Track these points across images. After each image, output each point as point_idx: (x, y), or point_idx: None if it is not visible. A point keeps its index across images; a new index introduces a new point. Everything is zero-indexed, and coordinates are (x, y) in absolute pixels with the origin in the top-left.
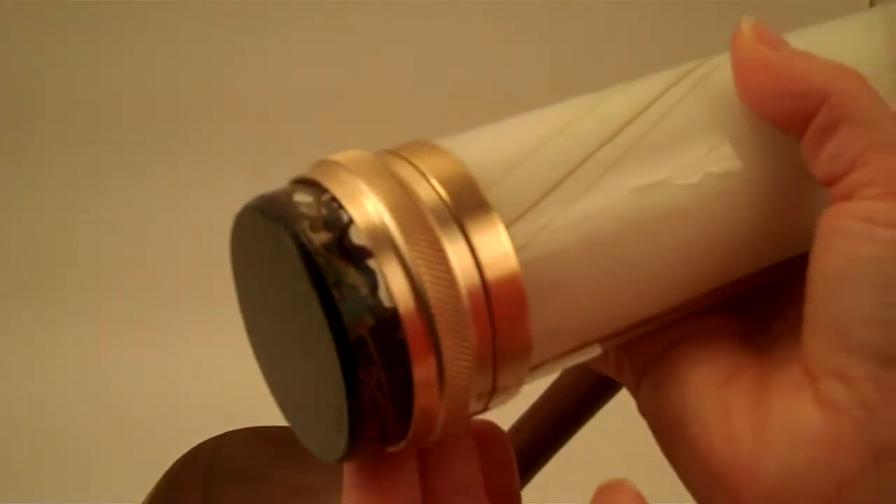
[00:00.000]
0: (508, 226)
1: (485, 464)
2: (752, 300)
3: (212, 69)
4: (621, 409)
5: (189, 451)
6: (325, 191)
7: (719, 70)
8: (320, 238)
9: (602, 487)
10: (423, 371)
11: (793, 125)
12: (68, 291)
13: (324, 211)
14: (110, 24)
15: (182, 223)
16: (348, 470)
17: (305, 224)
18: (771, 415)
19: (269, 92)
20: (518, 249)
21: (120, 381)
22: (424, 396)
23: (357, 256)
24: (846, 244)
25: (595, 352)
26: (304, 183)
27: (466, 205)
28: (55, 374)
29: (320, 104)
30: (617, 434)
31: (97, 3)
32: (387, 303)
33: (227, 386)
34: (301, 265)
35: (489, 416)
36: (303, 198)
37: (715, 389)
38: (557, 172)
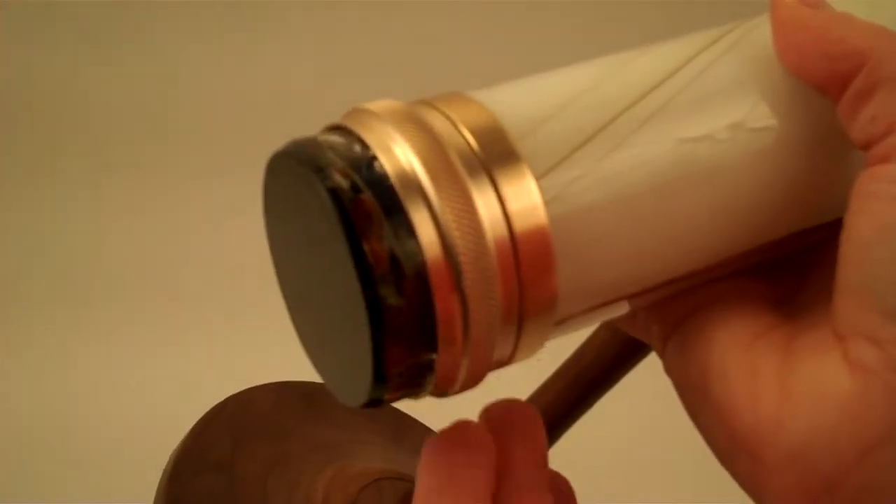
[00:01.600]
0: (538, 178)
1: (510, 443)
2: (783, 265)
3: (210, 73)
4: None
5: (215, 406)
6: (356, 137)
7: (758, 30)
8: (350, 183)
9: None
10: (447, 319)
11: (831, 87)
12: (69, 293)
13: (354, 157)
14: (107, 29)
15: (179, 226)
16: (427, 444)
17: (336, 169)
18: (797, 376)
19: (266, 97)
20: (547, 202)
21: (119, 382)
22: (448, 345)
23: (386, 202)
24: (882, 207)
25: (622, 309)
26: (337, 129)
27: (497, 155)
28: (57, 377)
29: (320, 107)
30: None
31: (95, 8)
32: (414, 250)
33: (228, 387)
34: (330, 209)
35: (516, 375)
36: (334, 143)
37: (741, 349)
38: (590, 126)
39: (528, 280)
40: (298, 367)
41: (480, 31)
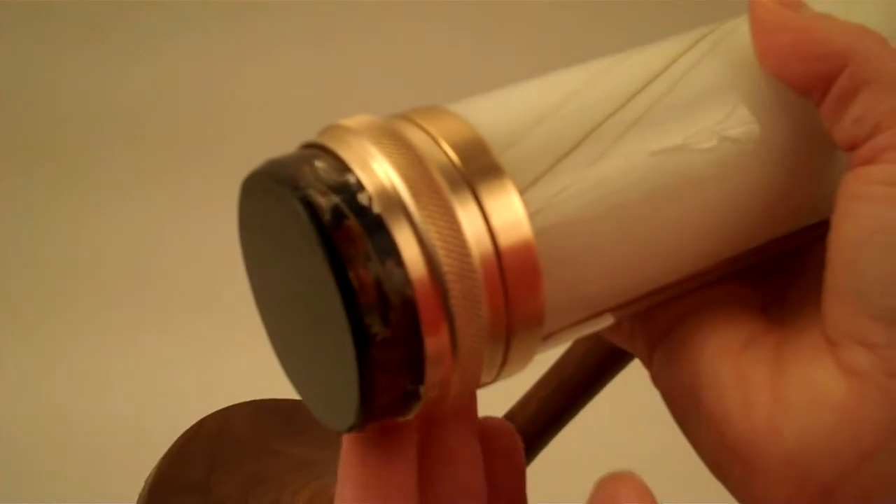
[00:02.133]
0: (522, 191)
1: (493, 466)
2: (769, 269)
3: (205, 74)
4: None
5: (194, 425)
6: (334, 155)
7: (737, 32)
8: (330, 203)
9: (603, 480)
10: (435, 340)
11: (813, 88)
12: (69, 297)
13: (334, 175)
14: (101, 30)
15: (180, 231)
16: (347, 441)
17: (315, 188)
18: (789, 382)
19: (264, 98)
20: (532, 215)
21: (120, 385)
22: (436, 366)
23: (367, 222)
24: (868, 209)
25: (608, 321)
26: (313, 148)
27: (478, 169)
28: (57, 379)
29: (322, 112)
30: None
31: (89, 8)
32: (398, 270)
33: (208, 399)
34: (310, 230)
35: (499, 385)
36: (312, 162)
37: (731, 357)
38: (572, 137)
39: (514, 296)
40: (278, 383)
41: (473, 36)
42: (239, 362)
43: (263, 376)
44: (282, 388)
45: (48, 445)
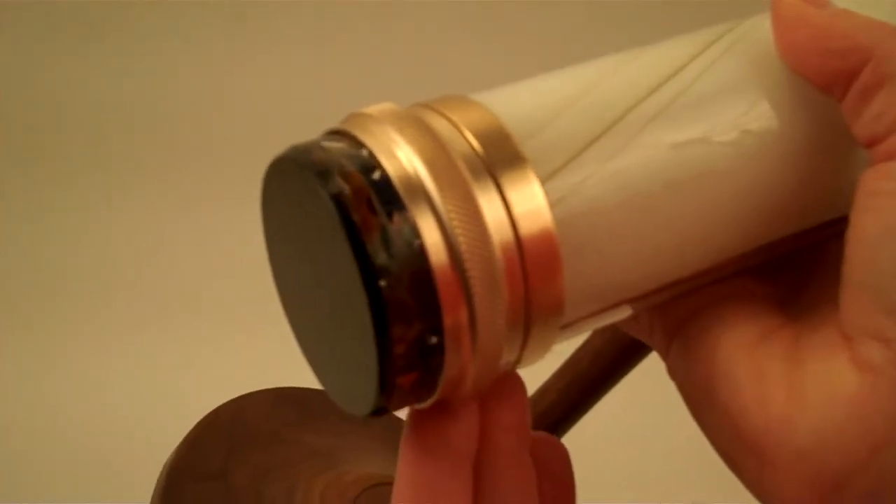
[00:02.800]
0: (543, 181)
1: (542, 485)
2: (787, 264)
3: (209, 74)
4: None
5: (209, 414)
6: (358, 142)
7: (759, 28)
8: (353, 187)
9: None
10: (454, 326)
11: (834, 84)
12: (61, 299)
13: (357, 160)
14: (115, 31)
15: (175, 231)
16: (403, 452)
17: (338, 173)
18: (805, 376)
19: (268, 97)
20: (552, 205)
21: (126, 382)
22: (455, 352)
23: (390, 208)
24: (889, 204)
25: (626, 312)
26: (337, 134)
27: (501, 158)
28: (49, 383)
29: (322, 110)
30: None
31: (103, 12)
32: (420, 256)
33: (223, 392)
34: (334, 215)
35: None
36: (335, 148)
37: (747, 350)
38: (594, 128)
39: (534, 284)
40: (293, 373)
41: (483, 32)
42: (245, 360)
43: (271, 374)
44: (297, 379)
45: (52, 444)
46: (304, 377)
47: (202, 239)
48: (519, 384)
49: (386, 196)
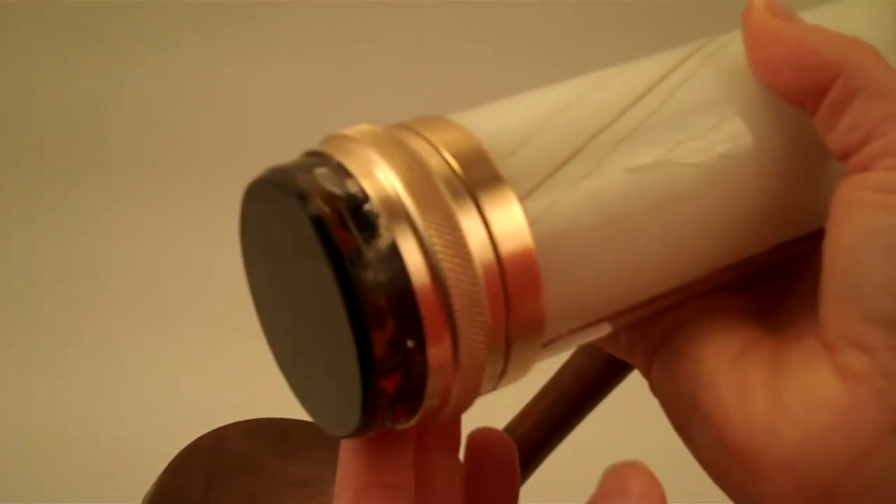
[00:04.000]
0: (522, 199)
1: (484, 479)
2: (765, 278)
3: (215, 84)
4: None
5: (191, 443)
6: (337, 164)
7: (730, 45)
8: (333, 210)
9: (612, 468)
10: (437, 347)
11: (806, 98)
12: (66, 306)
13: (336, 182)
14: (115, 36)
15: (179, 237)
16: (345, 444)
17: (318, 195)
18: (787, 385)
19: (269, 109)
20: (531, 223)
21: (116, 394)
22: (438, 372)
23: (371, 229)
24: (864, 215)
25: (605, 330)
26: (315, 155)
27: (479, 178)
28: (55, 389)
29: (324, 117)
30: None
31: (102, 16)
32: (402, 277)
33: (224, 396)
34: (315, 238)
35: (497, 395)
36: (314, 169)
37: (729, 362)
38: (570, 147)
39: (515, 303)
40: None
41: (482, 35)
42: (237, 370)
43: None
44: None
45: (45, 453)
46: (285, 401)
47: (198, 247)
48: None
49: (367, 218)
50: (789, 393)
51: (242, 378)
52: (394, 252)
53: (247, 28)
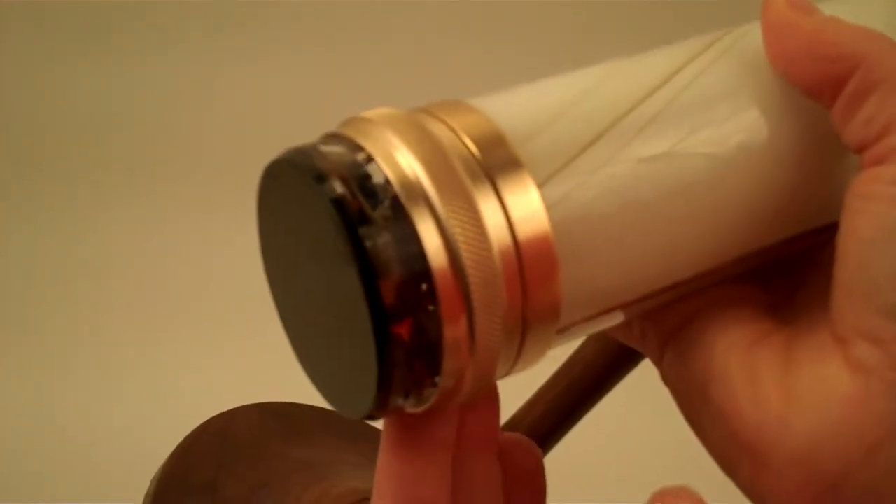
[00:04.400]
0: (540, 185)
1: (511, 485)
2: (779, 269)
3: (216, 83)
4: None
5: (199, 427)
6: (357, 146)
7: (749, 36)
8: (353, 191)
9: (659, 492)
10: (453, 329)
11: (824, 90)
12: (72, 301)
13: (356, 165)
14: (115, 36)
15: (183, 235)
16: (387, 427)
17: (338, 177)
18: (799, 378)
19: (270, 105)
20: (549, 208)
21: (101, 399)
22: (453, 355)
23: (391, 212)
24: (879, 208)
25: (619, 318)
26: (335, 138)
27: (498, 162)
28: (59, 385)
29: (328, 114)
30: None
31: (103, 17)
32: (420, 259)
33: (211, 402)
34: (334, 219)
35: (505, 383)
36: (334, 151)
37: (741, 353)
38: (590, 132)
39: (532, 287)
40: (285, 381)
41: (483, 36)
42: (241, 366)
43: (265, 380)
44: (284, 391)
45: (40, 452)
46: (295, 385)
47: (204, 244)
48: (493, 392)
49: (386, 200)
50: (800, 386)
51: (245, 378)
52: (413, 234)
53: (250, 30)
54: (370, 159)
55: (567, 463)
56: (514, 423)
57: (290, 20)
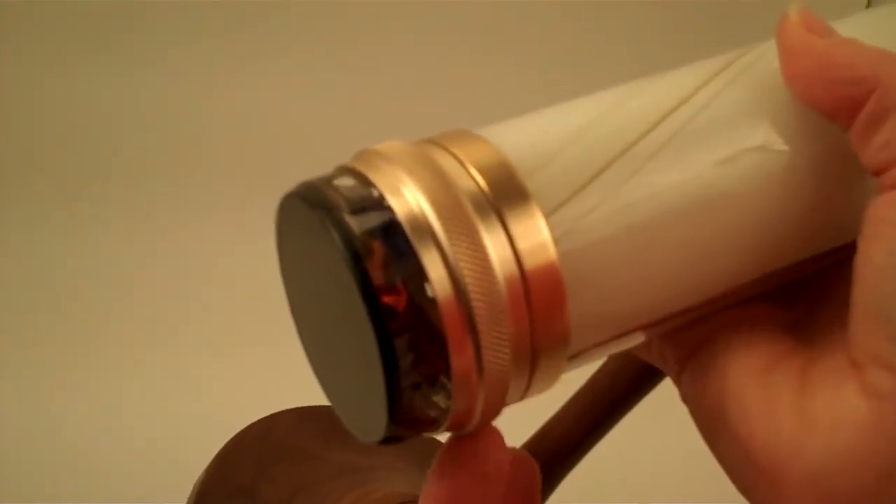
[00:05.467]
0: (549, 214)
1: (507, 498)
2: (797, 289)
3: (223, 91)
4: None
5: (239, 433)
6: (366, 180)
7: (766, 58)
8: (361, 227)
9: None
10: (460, 360)
11: (840, 113)
12: (86, 317)
13: (365, 200)
14: (116, 42)
15: (199, 247)
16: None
17: (346, 212)
18: (814, 402)
19: (276, 118)
20: (558, 238)
21: (142, 409)
22: (463, 383)
23: (397, 246)
24: (894, 234)
25: (637, 339)
26: (346, 171)
27: (505, 194)
28: (80, 403)
29: (327, 128)
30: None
31: (106, 23)
32: (426, 292)
33: (250, 413)
34: (343, 253)
35: (530, 402)
36: (344, 185)
37: (757, 376)
38: (599, 160)
39: (540, 317)
40: (319, 392)
41: (489, 44)
42: (272, 378)
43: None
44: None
45: (80, 462)
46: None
47: (232, 254)
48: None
49: (392, 234)
50: (816, 410)
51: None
52: (418, 268)
53: (254, 34)
54: (379, 194)
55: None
56: (542, 434)
57: (294, 26)
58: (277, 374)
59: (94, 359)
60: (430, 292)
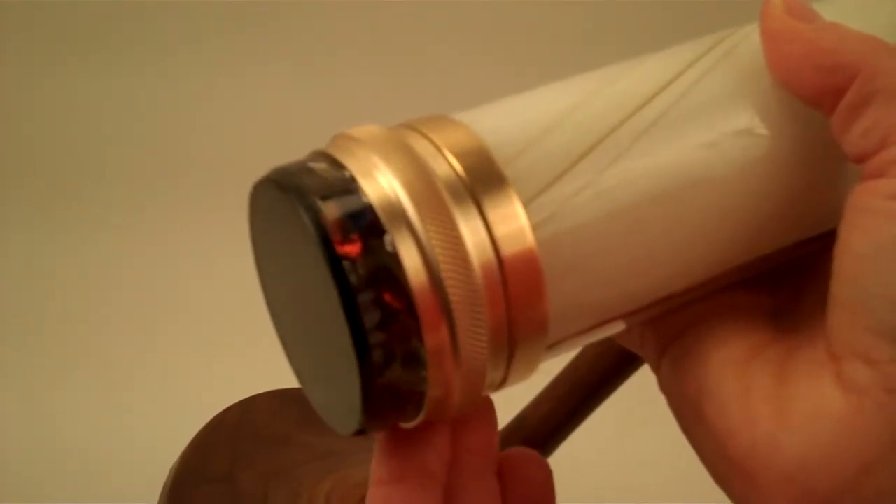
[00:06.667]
0: (529, 201)
1: (522, 497)
2: (780, 276)
3: (214, 92)
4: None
5: (216, 416)
6: (340, 166)
7: (748, 41)
8: (334, 213)
9: None
10: (435, 347)
11: (822, 99)
12: (73, 303)
13: (339, 186)
14: (113, 45)
15: (175, 240)
16: (379, 440)
17: (319, 196)
18: (792, 396)
19: (270, 119)
20: (538, 225)
21: (117, 394)
22: (438, 372)
23: (371, 232)
24: (875, 223)
25: (618, 328)
26: (320, 156)
27: (482, 179)
28: (52, 389)
29: (322, 129)
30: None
31: (102, 25)
32: (400, 278)
33: (227, 397)
34: (314, 239)
35: (510, 389)
36: (318, 170)
37: (735, 368)
38: (580, 146)
39: (517, 304)
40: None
41: (480, 42)
42: (249, 364)
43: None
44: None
45: (57, 447)
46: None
47: (205, 247)
48: (489, 406)
49: (366, 220)
50: (793, 404)
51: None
52: (392, 253)
53: (253, 36)
54: (353, 179)
55: (567, 465)
56: (520, 421)
57: (291, 28)
58: (278, 374)
59: (91, 358)
60: (403, 280)
